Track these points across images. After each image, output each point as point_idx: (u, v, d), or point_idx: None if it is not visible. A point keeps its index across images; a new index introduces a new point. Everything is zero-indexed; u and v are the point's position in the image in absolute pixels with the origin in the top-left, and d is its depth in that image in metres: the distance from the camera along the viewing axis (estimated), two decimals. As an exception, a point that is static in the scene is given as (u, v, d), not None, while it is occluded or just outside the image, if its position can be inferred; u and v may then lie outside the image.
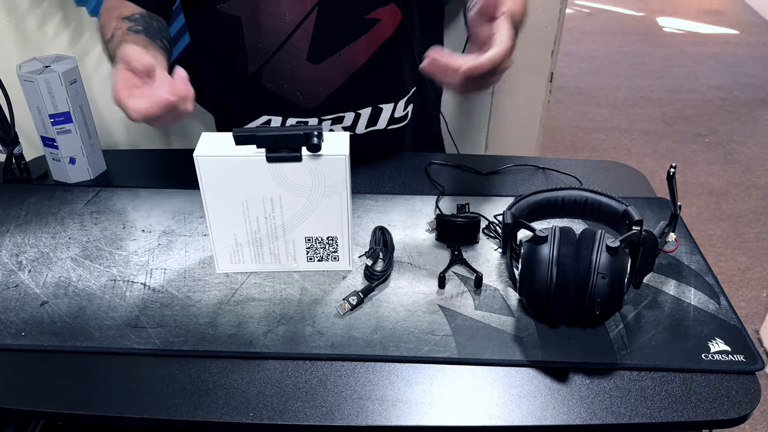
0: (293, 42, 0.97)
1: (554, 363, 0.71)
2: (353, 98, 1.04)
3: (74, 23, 1.31)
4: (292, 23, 0.95)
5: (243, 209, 0.78)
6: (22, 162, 1.04)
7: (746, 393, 0.68)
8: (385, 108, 1.06)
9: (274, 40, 0.97)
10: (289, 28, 0.96)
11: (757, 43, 4.07)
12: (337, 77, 1.00)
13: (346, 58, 0.99)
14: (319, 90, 1.01)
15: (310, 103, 1.02)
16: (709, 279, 0.83)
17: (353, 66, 1.00)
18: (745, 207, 2.52)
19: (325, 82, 1.01)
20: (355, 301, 0.78)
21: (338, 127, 1.06)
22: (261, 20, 0.95)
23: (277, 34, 0.96)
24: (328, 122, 1.05)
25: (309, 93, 1.02)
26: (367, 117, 1.06)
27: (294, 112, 1.04)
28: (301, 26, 0.95)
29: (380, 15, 0.97)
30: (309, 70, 0.99)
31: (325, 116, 1.04)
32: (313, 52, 0.98)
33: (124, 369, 0.71)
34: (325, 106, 1.03)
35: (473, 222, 0.83)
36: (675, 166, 0.78)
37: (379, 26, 0.98)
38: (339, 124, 1.06)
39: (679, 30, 4.27)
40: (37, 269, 0.84)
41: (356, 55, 0.99)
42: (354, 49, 0.99)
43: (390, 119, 1.08)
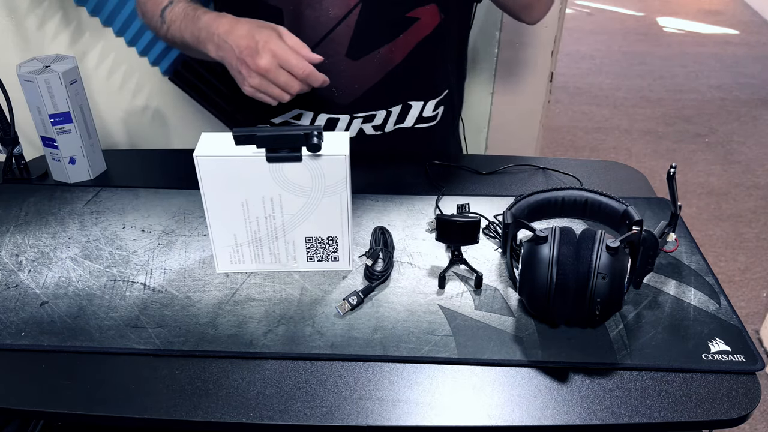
0: (334, 37, 0.96)
1: (554, 363, 0.71)
2: (387, 96, 1.04)
3: (74, 23, 1.31)
4: (335, 18, 0.95)
5: (243, 209, 0.78)
6: (22, 162, 1.04)
7: (746, 393, 0.68)
8: (415, 106, 1.06)
9: (315, 34, 0.96)
10: (331, 23, 0.95)
11: (757, 43, 4.07)
12: (373, 74, 1.01)
13: (384, 56, 0.99)
14: (355, 87, 1.01)
15: (345, 99, 1.02)
16: (709, 279, 0.83)
17: (390, 64, 1.00)
18: (745, 207, 2.52)
19: (361, 78, 1.01)
20: (355, 301, 0.78)
21: (368, 126, 1.06)
22: (303, 13, 0.95)
23: (319, 29, 0.96)
24: (359, 120, 1.05)
25: (344, 89, 1.01)
26: (397, 114, 1.06)
27: (327, 108, 1.04)
28: (344, 22, 0.95)
29: (420, 14, 0.98)
30: (347, 66, 0.99)
31: (357, 113, 1.04)
32: (353, 49, 0.98)
33: (124, 369, 0.71)
34: (359, 104, 1.03)
35: (473, 222, 0.83)
36: (675, 166, 0.78)
37: (418, 25, 0.98)
38: (370, 122, 1.06)
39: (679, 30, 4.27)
40: (37, 269, 0.84)
41: (394, 52, 0.99)
42: (393, 46, 0.99)
43: (418, 118, 1.08)
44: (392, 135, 1.08)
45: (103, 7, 1.30)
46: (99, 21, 1.32)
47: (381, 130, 1.07)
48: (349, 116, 1.04)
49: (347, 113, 1.04)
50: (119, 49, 1.36)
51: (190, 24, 0.90)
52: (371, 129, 1.07)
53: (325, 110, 1.04)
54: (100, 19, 1.31)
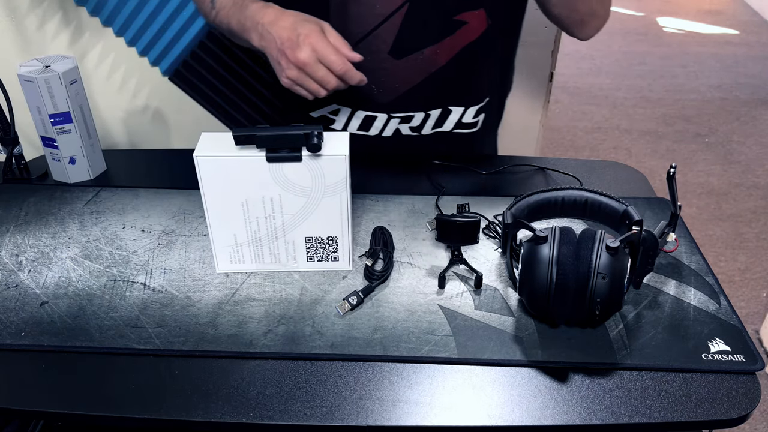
0: (379, 34, 0.96)
1: (554, 363, 0.71)
2: (427, 98, 1.03)
3: (74, 23, 1.31)
4: (381, 15, 0.94)
5: (243, 209, 0.78)
6: (22, 162, 1.04)
7: (746, 393, 0.68)
8: (455, 111, 1.05)
9: (360, 30, 0.96)
10: (377, 20, 0.95)
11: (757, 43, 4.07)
12: (415, 75, 1.00)
13: (427, 57, 0.98)
14: (396, 86, 1.01)
15: (384, 98, 1.01)
16: (709, 279, 0.83)
17: (433, 66, 0.99)
18: (745, 207, 2.52)
19: (403, 78, 1.00)
20: (355, 301, 0.78)
21: (405, 127, 1.05)
22: (349, 8, 0.94)
23: (364, 25, 0.95)
24: (397, 120, 1.04)
25: (385, 87, 1.01)
26: (436, 118, 1.05)
27: (365, 106, 1.03)
28: (390, 19, 0.94)
29: (468, 18, 0.96)
30: (389, 64, 0.98)
31: (395, 113, 1.03)
32: (397, 47, 0.97)
33: (124, 369, 0.71)
34: (398, 103, 1.02)
35: (473, 222, 0.83)
36: (675, 166, 0.78)
37: (465, 29, 0.97)
38: (407, 123, 1.05)
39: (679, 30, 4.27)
40: (37, 269, 0.84)
41: (438, 55, 0.98)
42: (437, 48, 0.98)
43: (457, 123, 1.07)
44: (429, 138, 1.07)
45: (103, 7, 1.30)
46: (99, 21, 1.32)
47: (418, 131, 1.06)
48: (387, 115, 1.03)
49: (385, 112, 1.03)
50: (119, 49, 1.36)
51: (237, 11, 0.90)
52: (408, 130, 1.06)
53: (363, 107, 1.03)
54: (100, 19, 1.31)
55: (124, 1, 1.29)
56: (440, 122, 1.06)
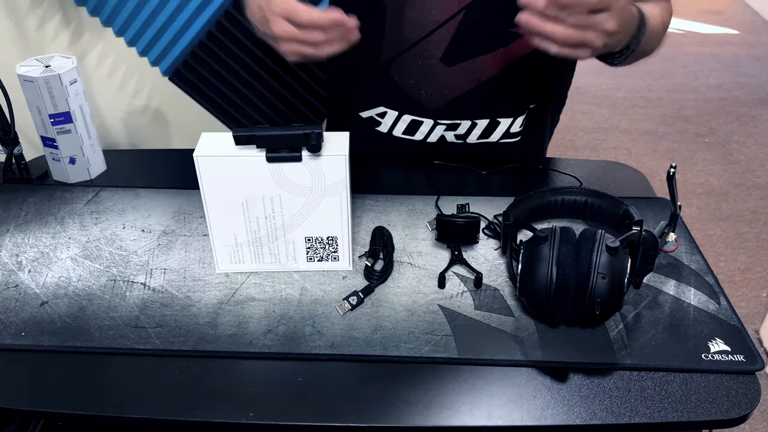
0: (432, 40, 0.96)
1: (554, 363, 0.71)
2: (475, 107, 1.03)
3: (74, 23, 1.31)
4: (436, 21, 0.94)
5: (243, 209, 0.78)
6: (22, 162, 1.04)
7: (746, 393, 0.68)
8: (503, 122, 1.04)
9: (414, 35, 0.96)
10: (431, 25, 0.95)
11: (757, 43, 4.07)
12: (465, 83, 0.99)
13: (479, 66, 0.98)
14: (444, 93, 1.00)
15: (432, 103, 1.01)
16: (709, 279, 0.83)
17: (484, 75, 0.99)
18: (745, 207, 2.52)
19: (452, 85, 1.00)
20: (355, 301, 0.78)
21: (450, 134, 1.05)
22: (406, 12, 0.94)
23: (419, 29, 0.96)
24: (443, 126, 1.04)
25: (434, 93, 1.01)
26: (483, 128, 1.04)
27: (412, 110, 1.03)
28: (444, 26, 0.94)
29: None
30: (440, 70, 0.98)
31: (441, 120, 1.03)
32: (449, 54, 0.97)
33: (124, 369, 0.71)
34: (446, 110, 1.02)
35: (473, 222, 0.83)
36: (675, 166, 0.78)
37: (519, 41, 0.96)
38: (453, 131, 1.05)
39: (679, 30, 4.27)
40: (37, 269, 0.84)
41: (490, 65, 0.98)
42: (489, 58, 0.97)
43: (505, 133, 1.06)
44: (474, 146, 1.06)
45: (103, 7, 1.30)
46: (99, 21, 1.32)
47: (463, 139, 1.06)
48: (433, 121, 1.03)
49: (432, 118, 1.03)
50: (119, 49, 1.36)
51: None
52: (453, 137, 1.05)
53: (410, 111, 1.03)
54: (100, 19, 1.31)
55: (124, 1, 1.29)
56: (487, 133, 1.05)
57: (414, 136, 1.06)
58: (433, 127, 1.04)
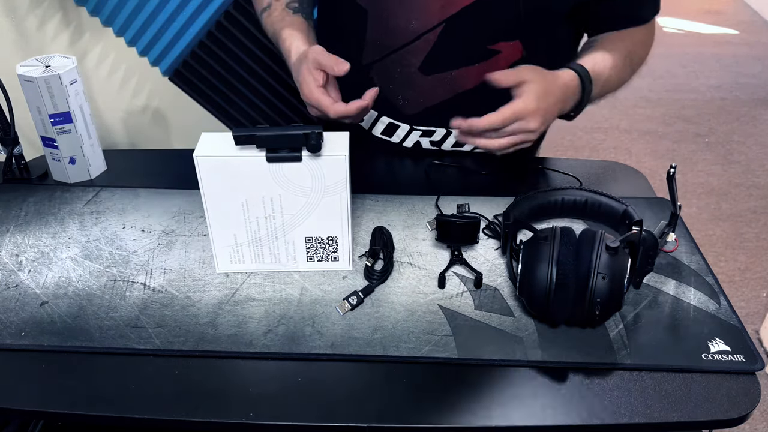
0: (411, 49, 0.97)
1: (554, 363, 0.71)
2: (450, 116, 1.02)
3: (74, 23, 1.31)
4: (416, 32, 0.96)
5: (243, 209, 0.78)
6: (22, 162, 1.04)
7: (746, 393, 0.68)
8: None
9: (394, 42, 0.97)
10: (411, 35, 0.96)
11: (757, 43, 4.06)
12: (441, 93, 1.01)
13: (456, 79, 0.99)
14: (420, 101, 1.02)
15: (409, 110, 1.03)
16: (709, 279, 0.83)
17: (460, 88, 1.00)
18: (745, 207, 2.52)
19: (429, 94, 1.01)
20: (355, 301, 0.78)
21: (426, 140, 1.07)
22: (387, 20, 0.96)
23: (398, 37, 0.97)
24: (419, 132, 1.06)
25: (410, 100, 1.02)
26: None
27: (390, 113, 1.05)
28: (424, 36, 0.96)
29: (502, 48, 0.97)
30: (417, 79, 0.99)
31: (417, 126, 1.05)
32: (427, 64, 0.98)
33: (124, 369, 0.71)
34: (421, 117, 1.03)
35: (473, 222, 0.83)
36: (675, 166, 0.78)
37: (497, 58, 0.97)
38: (428, 137, 1.06)
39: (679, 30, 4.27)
40: (37, 269, 0.84)
41: (467, 78, 0.99)
42: (466, 72, 0.98)
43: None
44: (449, 153, 1.08)
45: (103, 7, 1.30)
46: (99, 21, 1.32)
47: (438, 146, 1.07)
48: (409, 126, 1.05)
49: (408, 123, 1.05)
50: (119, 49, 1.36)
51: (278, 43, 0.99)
52: (428, 144, 1.07)
53: (388, 114, 1.05)
54: (100, 19, 1.31)
55: (124, 1, 1.29)
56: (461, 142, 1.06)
57: (392, 138, 1.07)
58: (409, 132, 1.06)
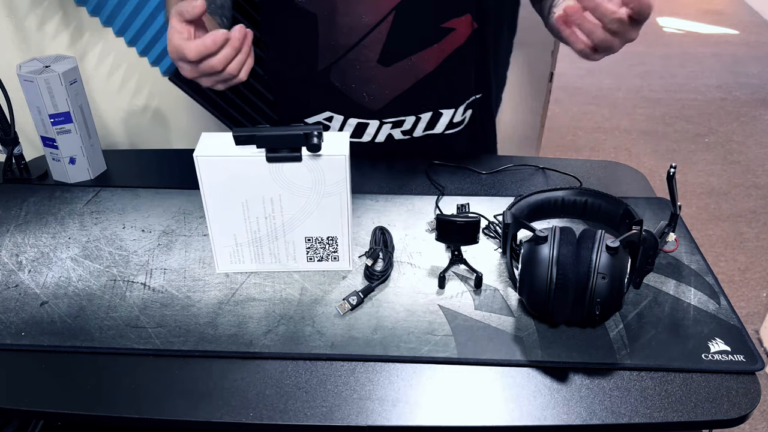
0: (366, 43, 0.97)
1: (554, 363, 0.71)
2: (417, 103, 1.04)
3: (74, 23, 1.31)
4: (368, 25, 0.95)
5: (243, 209, 0.78)
6: (22, 162, 1.04)
7: (746, 393, 0.68)
8: (446, 113, 1.06)
9: (348, 40, 0.97)
10: (364, 30, 0.96)
11: (757, 43, 4.07)
12: (404, 81, 1.01)
13: (415, 64, 0.99)
14: (385, 93, 1.02)
15: (375, 105, 1.03)
16: (709, 279, 0.83)
17: (421, 72, 1.00)
18: (745, 207, 2.52)
19: (392, 85, 1.01)
20: (355, 301, 0.78)
21: (397, 131, 1.06)
22: (337, 19, 0.95)
23: (352, 35, 0.97)
24: (389, 125, 1.05)
25: (375, 95, 1.02)
26: (427, 121, 1.06)
27: (357, 113, 1.04)
28: (377, 28, 0.96)
29: (455, 25, 0.97)
30: (378, 72, 0.99)
31: (386, 119, 1.04)
32: (385, 56, 0.98)
33: (124, 369, 0.71)
34: (388, 109, 1.03)
35: (473, 222, 0.83)
36: (675, 166, 0.78)
37: (452, 35, 0.98)
38: (399, 128, 1.06)
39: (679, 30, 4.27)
40: (37, 269, 0.84)
41: (426, 61, 0.99)
42: (425, 55, 0.99)
43: (449, 124, 1.07)
44: (421, 139, 1.08)
45: (103, 7, 1.30)
46: (99, 21, 1.32)
47: (410, 134, 1.07)
48: (379, 121, 1.05)
49: (377, 118, 1.04)
50: (119, 49, 1.36)
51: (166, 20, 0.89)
52: (400, 134, 1.07)
53: (355, 115, 1.04)
54: (100, 19, 1.31)
55: (124, 1, 1.29)
56: (431, 125, 1.07)
57: (362, 138, 1.07)
58: (380, 127, 1.05)
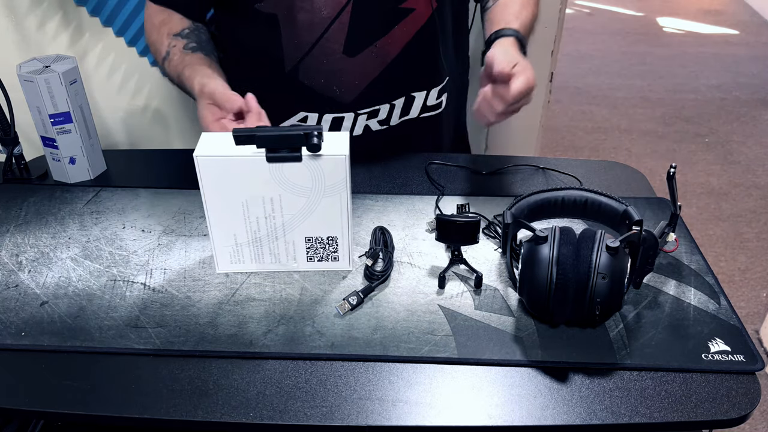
0: (329, 36, 0.97)
1: (554, 363, 0.71)
2: (388, 89, 1.05)
3: (74, 23, 1.31)
4: (328, 17, 0.96)
5: (243, 209, 0.78)
6: (22, 162, 1.04)
7: (746, 393, 0.68)
8: (418, 96, 1.07)
9: (311, 36, 0.97)
10: (325, 23, 0.96)
11: (757, 43, 4.07)
12: (372, 69, 1.01)
13: (381, 50, 1.00)
14: (356, 83, 1.02)
15: (347, 97, 1.03)
16: (709, 279, 0.83)
17: (388, 57, 1.01)
18: (745, 207, 2.51)
19: (361, 74, 1.01)
20: (355, 301, 0.78)
21: (374, 122, 1.07)
22: (297, 16, 0.96)
23: (314, 30, 0.97)
24: (364, 116, 1.05)
25: (345, 87, 1.02)
26: (401, 107, 1.06)
27: (330, 108, 1.04)
28: (337, 20, 0.96)
29: (414, 4, 0.98)
30: (345, 63, 1.00)
31: (360, 110, 1.05)
32: (350, 46, 0.98)
33: (124, 369, 0.71)
34: (361, 100, 1.04)
35: (473, 222, 0.83)
36: (675, 166, 0.78)
37: (413, 15, 0.98)
38: (374, 118, 1.06)
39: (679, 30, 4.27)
40: (37, 269, 0.84)
41: (391, 45, 1.00)
42: (389, 39, 0.99)
43: (423, 107, 1.08)
44: (398, 127, 1.08)
45: (103, 7, 1.30)
46: (99, 21, 1.32)
47: (386, 124, 1.07)
48: (354, 113, 1.05)
49: (351, 111, 1.04)
50: (119, 49, 1.36)
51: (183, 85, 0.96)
52: (377, 124, 1.07)
53: (329, 110, 1.04)
54: (100, 19, 1.31)
55: (124, 1, 1.29)
56: (406, 110, 1.07)
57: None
58: (355, 119, 1.05)
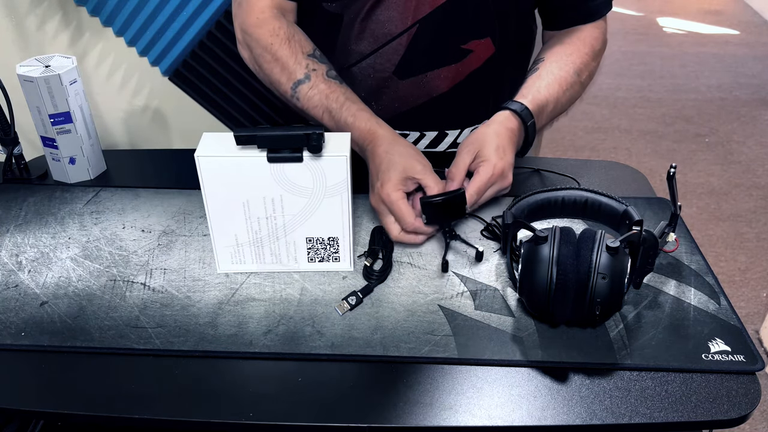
0: (384, 53, 0.96)
1: (554, 363, 0.71)
2: (425, 120, 1.03)
3: (74, 23, 1.31)
4: (390, 34, 0.95)
5: (244, 209, 0.78)
6: (22, 162, 1.04)
7: (746, 393, 0.68)
8: (450, 134, 1.05)
9: (367, 47, 0.97)
10: (384, 39, 0.95)
11: (757, 43, 4.06)
12: (417, 97, 1.00)
13: (430, 81, 0.98)
14: (395, 105, 1.01)
15: (382, 116, 0.99)
16: (709, 279, 0.83)
17: (435, 90, 0.99)
18: (745, 207, 2.51)
19: (404, 99, 1.00)
20: (355, 301, 0.78)
21: None
22: (362, 24, 0.95)
23: (372, 42, 0.96)
24: None
25: (384, 106, 1.01)
26: (431, 139, 1.05)
27: None
28: (397, 39, 0.95)
29: (474, 47, 0.97)
30: (391, 83, 0.99)
31: None
32: (401, 68, 0.97)
33: (124, 369, 0.71)
34: (395, 123, 1.00)
35: (457, 195, 0.82)
36: (675, 166, 0.78)
37: (470, 57, 0.97)
38: None
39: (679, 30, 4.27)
40: (37, 269, 0.84)
41: (441, 80, 0.99)
42: (441, 74, 0.98)
43: (451, 144, 1.07)
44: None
45: (103, 7, 1.30)
46: (99, 21, 1.32)
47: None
48: None
49: None
50: (119, 49, 1.36)
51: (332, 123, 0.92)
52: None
53: None
54: (100, 19, 1.31)
55: (124, 1, 1.29)
56: (434, 143, 1.06)
57: None
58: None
